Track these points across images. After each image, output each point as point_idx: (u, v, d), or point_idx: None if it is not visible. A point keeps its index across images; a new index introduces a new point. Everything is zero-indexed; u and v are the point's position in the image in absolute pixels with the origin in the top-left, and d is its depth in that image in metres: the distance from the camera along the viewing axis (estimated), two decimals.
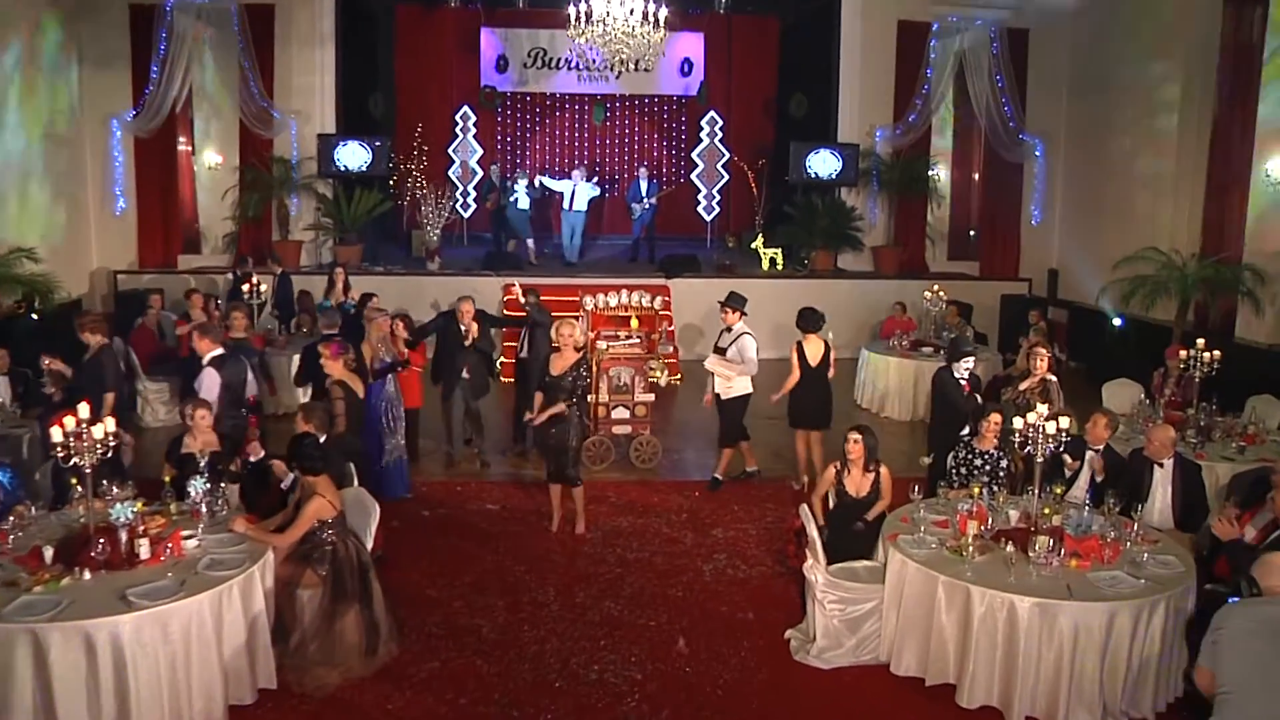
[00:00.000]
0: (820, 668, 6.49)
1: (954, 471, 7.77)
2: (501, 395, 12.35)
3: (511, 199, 16.25)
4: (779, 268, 16.10)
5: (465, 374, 9.90)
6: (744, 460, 9.99)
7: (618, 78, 19.21)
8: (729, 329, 9.65)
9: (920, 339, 12.89)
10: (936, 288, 13.04)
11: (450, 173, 18.05)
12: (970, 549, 6.17)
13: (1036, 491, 6.67)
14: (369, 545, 6.78)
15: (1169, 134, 13.91)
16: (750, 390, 9.72)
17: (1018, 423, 6.58)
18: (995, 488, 7.38)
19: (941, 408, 8.76)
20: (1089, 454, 7.57)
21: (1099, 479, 7.52)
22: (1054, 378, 9.01)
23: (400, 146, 17.33)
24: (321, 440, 7.18)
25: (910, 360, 12.41)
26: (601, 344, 10.25)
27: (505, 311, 13.29)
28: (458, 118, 18.21)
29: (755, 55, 19.03)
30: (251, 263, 14.20)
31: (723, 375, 9.60)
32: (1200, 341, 9.22)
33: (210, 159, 16.21)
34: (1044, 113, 16.12)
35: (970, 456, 7.72)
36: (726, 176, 18.40)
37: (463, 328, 9.81)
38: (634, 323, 10.39)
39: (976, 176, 17.34)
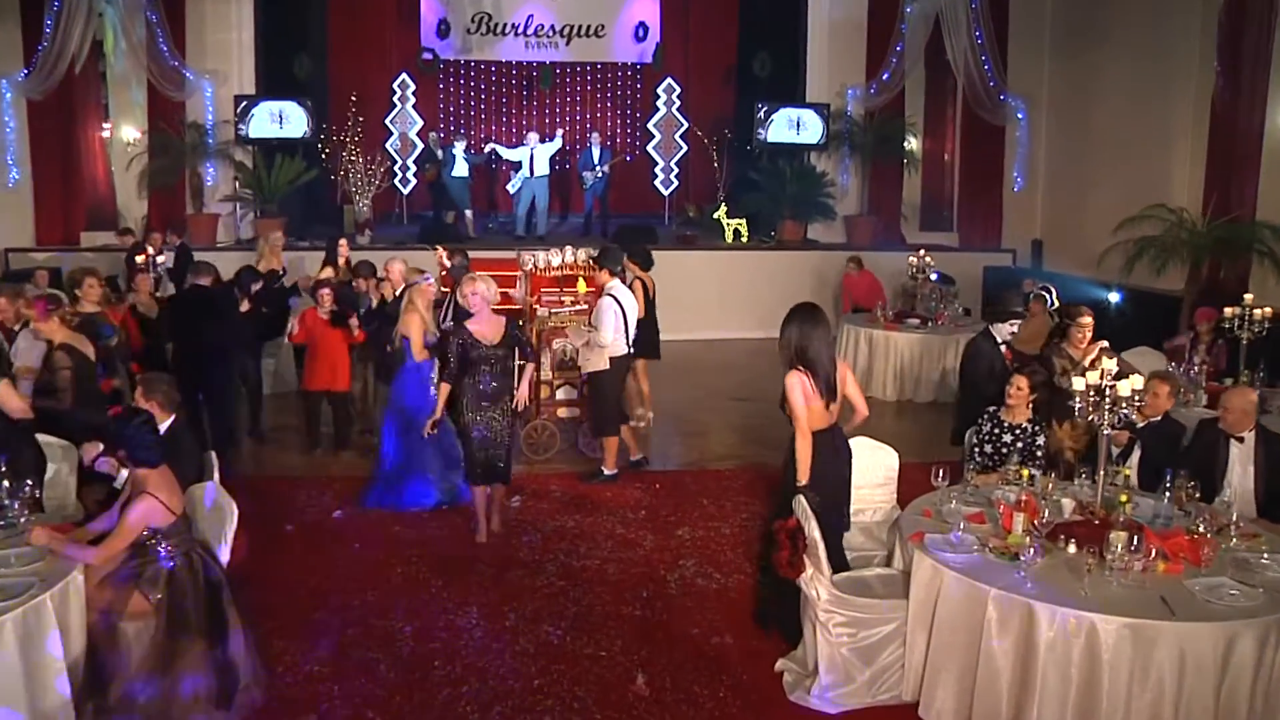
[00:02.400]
0: (825, 711, 4.75)
1: (976, 450, 6.07)
2: None
3: (449, 166, 14.38)
4: (744, 239, 14.36)
5: (389, 347, 8.06)
6: (628, 448, 8.13)
7: (568, 44, 17.43)
8: (602, 292, 7.86)
9: (905, 309, 11.21)
10: (922, 252, 11.37)
11: (388, 145, 16.11)
12: (1030, 551, 4.43)
13: (1102, 473, 4.95)
14: (224, 558, 4.94)
15: (1168, 89, 12.34)
16: (605, 366, 7.71)
17: (1079, 384, 4.87)
18: (1034, 470, 5.68)
19: (977, 382, 6.98)
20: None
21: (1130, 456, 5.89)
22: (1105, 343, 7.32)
23: (333, 116, 15.38)
24: (168, 421, 5.35)
25: (897, 333, 10.72)
26: (542, 311, 8.43)
27: (441, 288, 11.38)
28: (396, 86, 16.27)
29: (715, 14, 17.22)
30: (147, 232, 12.22)
31: (574, 344, 7.90)
32: (1248, 297, 7.63)
33: (126, 130, 14.17)
34: (1025, 73, 14.53)
35: (998, 431, 6.03)
36: (685, 148, 16.63)
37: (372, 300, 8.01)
38: (581, 285, 8.56)
39: (951, 142, 15.67)
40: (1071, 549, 4.60)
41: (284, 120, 13.73)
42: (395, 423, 7.28)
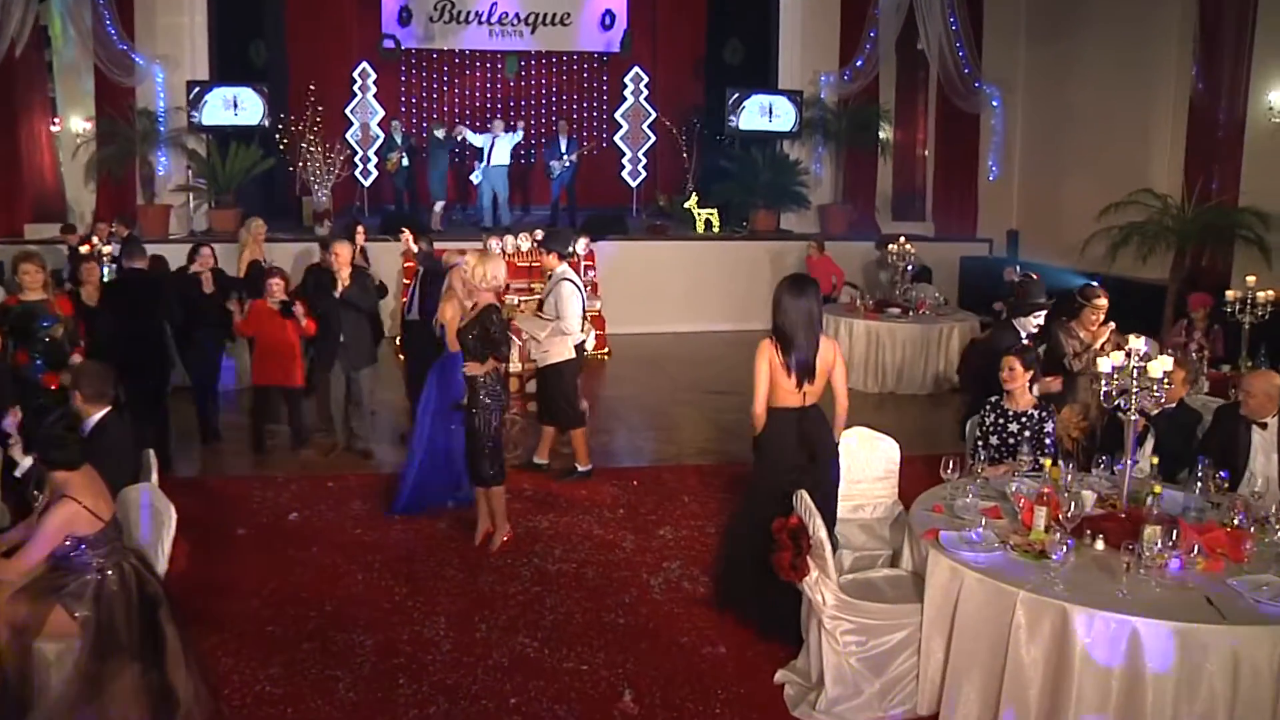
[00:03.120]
0: None
1: (980, 442, 5.61)
2: (394, 365, 10.04)
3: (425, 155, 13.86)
4: (715, 230, 13.86)
5: (341, 337, 7.48)
6: (576, 454, 7.40)
7: (533, 32, 16.86)
8: (549, 276, 7.29)
9: (885, 299, 10.78)
10: (903, 239, 10.93)
11: (349, 136, 15.43)
12: (1063, 549, 3.96)
13: (1129, 462, 4.50)
14: (162, 568, 4.37)
15: (1148, 75, 12.01)
16: (571, 355, 7.19)
17: (1104, 365, 4.41)
18: (1041, 460, 5.23)
19: (994, 378, 6.44)
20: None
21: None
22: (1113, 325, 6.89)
23: (291, 106, 14.69)
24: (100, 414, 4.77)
25: (877, 323, 10.28)
26: (511, 298, 7.87)
27: (404, 280, 10.79)
28: (356, 75, 15.61)
29: (683, 1, 16.70)
30: (94, 222, 11.52)
31: (533, 335, 7.24)
32: (1250, 279, 7.26)
33: (74, 121, 13.41)
34: (1000, 60, 14.15)
35: (1003, 420, 5.56)
36: (653, 138, 16.10)
37: (335, 274, 7.40)
38: (570, 274, 7.99)
39: (923, 131, 15.27)
40: (1100, 545, 4.16)
41: (239, 107, 13.05)
42: (431, 417, 6.55)
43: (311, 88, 14.58)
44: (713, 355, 11.81)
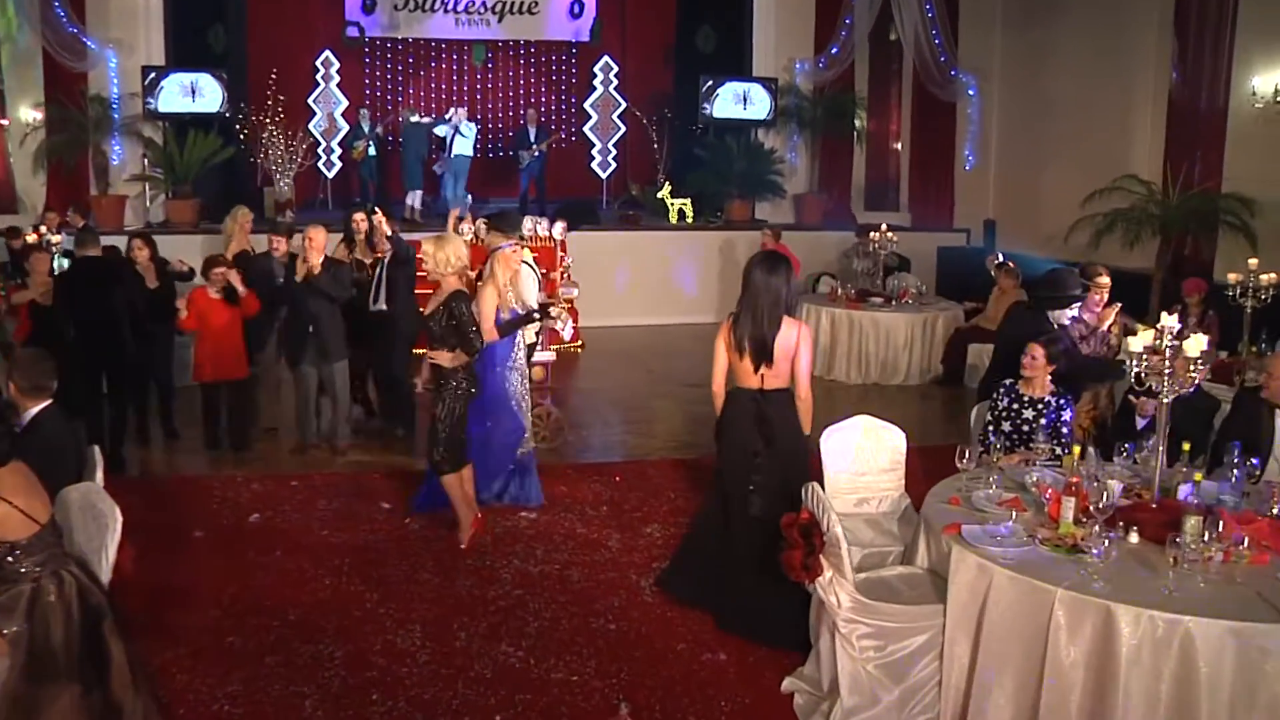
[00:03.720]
0: None
1: (992, 429, 5.26)
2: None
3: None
4: (689, 220, 13.46)
5: (311, 328, 7.01)
6: None
7: (500, 21, 16.33)
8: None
9: (867, 288, 10.43)
10: (884, 227, 10.60)
11: (312, 126, 14.86)
12: (1105, 542, 3.61)
13: (1162, 449, 4.15)
14: (105, 576, 3.90)
15: (1127, 62, 11.74)
16: (533, 335, 6.81)
17: (1136, 344, 4.06)
18: (1060, 448, 4.89)
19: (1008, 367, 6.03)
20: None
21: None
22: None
23: (252, 95, 14.10)
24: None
25: (860, 312, 9.94)
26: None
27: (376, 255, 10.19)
28: (319, 64, 15.05)
29: None
30: (43, 214, 10.91)
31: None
32: (1253, 261, 6.98)
33: (23, 108, 12.72)
34: (976, 48, 13.85)
35: (1018, 407, 5.21)
36: (623, 128, 15.69)
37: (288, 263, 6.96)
38: (527, 256, 7.55)
39: (899, 120, 14.96)
40: (1134, 538, 3.81)
41: (197, 93, 12.43)
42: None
43: (273, 76, 14.01)
44: (688, 348, 11.35)
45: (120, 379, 7.06)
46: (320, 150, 14.69)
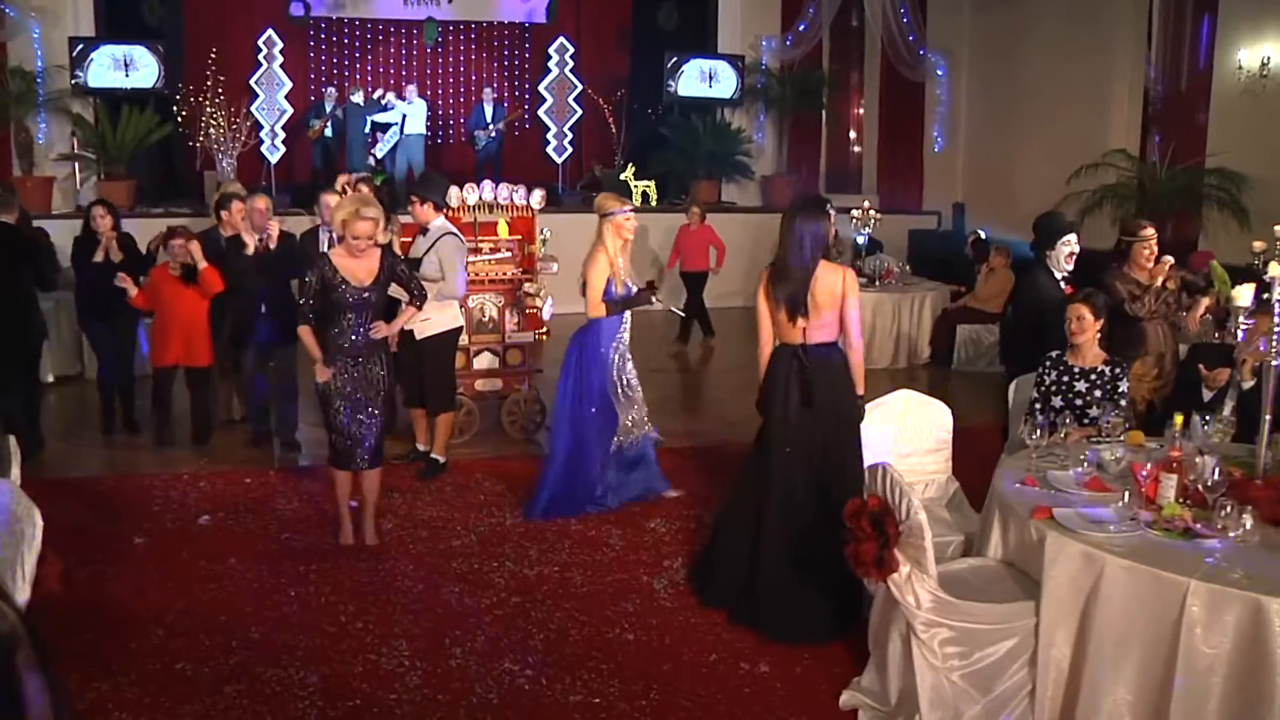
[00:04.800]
0: None
1: (1037, 405, 4.66)
2: None
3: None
4: (653, 203, 12.76)
5: (263, 308, 6.20)
6: (435, 443, 6.03)
7: (450, 1, 15.48)
8: (424, 231, 5.94)
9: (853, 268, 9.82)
10: (867, 204, 10.03)
11: (255, 109, 13.87)
12: (1244, 526, 3.02)
13: (1269, 418, 3.57)
14: (24, 595, 3.11)
15: (1105, 37, 11.31)
16: (460, 324, 6.04)
17: (1242, 295, 3.48)
18: (1112, 423, 4.30)
19: (1045, 330, 5.45)
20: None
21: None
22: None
23: (190, 75, 13.08)
24: None
25: None
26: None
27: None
28: (261, 43, 14.03)
29: None
30: None
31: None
32: (1258, 244, 6.54)
33: None
34: (944, 27, 13.36)
35: (1068, 379, 4.62)
36: (579, 111, 14.91)
37: (247, 240, 6.13)
38: (502, 229, 6.82)
39: (863, 100, 14.40)
40: (1248, 520, 3.22)
41: (131, 67, 11.41)
42: (571, 404, 5.32)
43: (213, 55, 13.03)
44: (658, 334, 10.71)
45: (28, 359, 6.22)
46: (264, 134, 13.72)
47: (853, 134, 14.32)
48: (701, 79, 12.96)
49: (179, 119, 12.22)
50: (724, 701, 3.59)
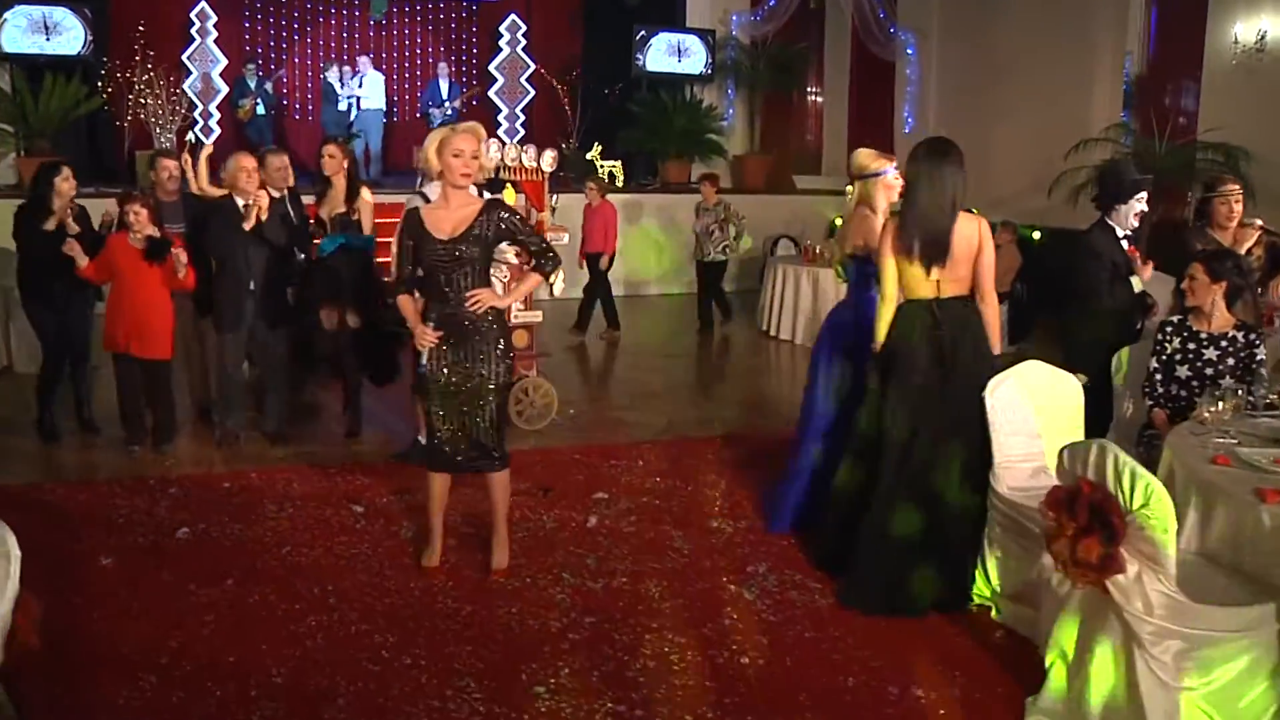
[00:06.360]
0: None
1: (1158, 376, 4.06)
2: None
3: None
4: (619, 184, 11.96)
5: (251, 286, 5.29)
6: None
7: None
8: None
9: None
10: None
11: (187, 86, 12.65)
12: None
13: None
14: None
15: (1089, 11, 10.88)
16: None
17: None
18: (1251, 392, 3.72)
19: (1098, 292, 4.82)
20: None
21: None
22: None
23: (116, 48, 11.84)
24: None
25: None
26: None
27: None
28: (194, 16, 12.82)
29: None
30: None
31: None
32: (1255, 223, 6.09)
33: None
34: (913, 5, 12.84)
35: (1194, 345, 4.01)
36: (532, 92, 14.04)
37: (242, 203, 5.23)
38: (509, 194, 5.97)
39: (829, 78, 13.81)
40: None
41: (53, 31, 10.17)
42: (821, 397, 4.42)
43: (140, 28, 11.84)
44: (638, 320, 9.97)
45: None
46: (197, 114, 12.53)
47: (823, 113, 13.74)
48: (670, 53, 12.21)
49: (104, 94, 11.03)
50: None
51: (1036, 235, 10.48)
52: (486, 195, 4.57)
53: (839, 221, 10.74)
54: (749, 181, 12.42)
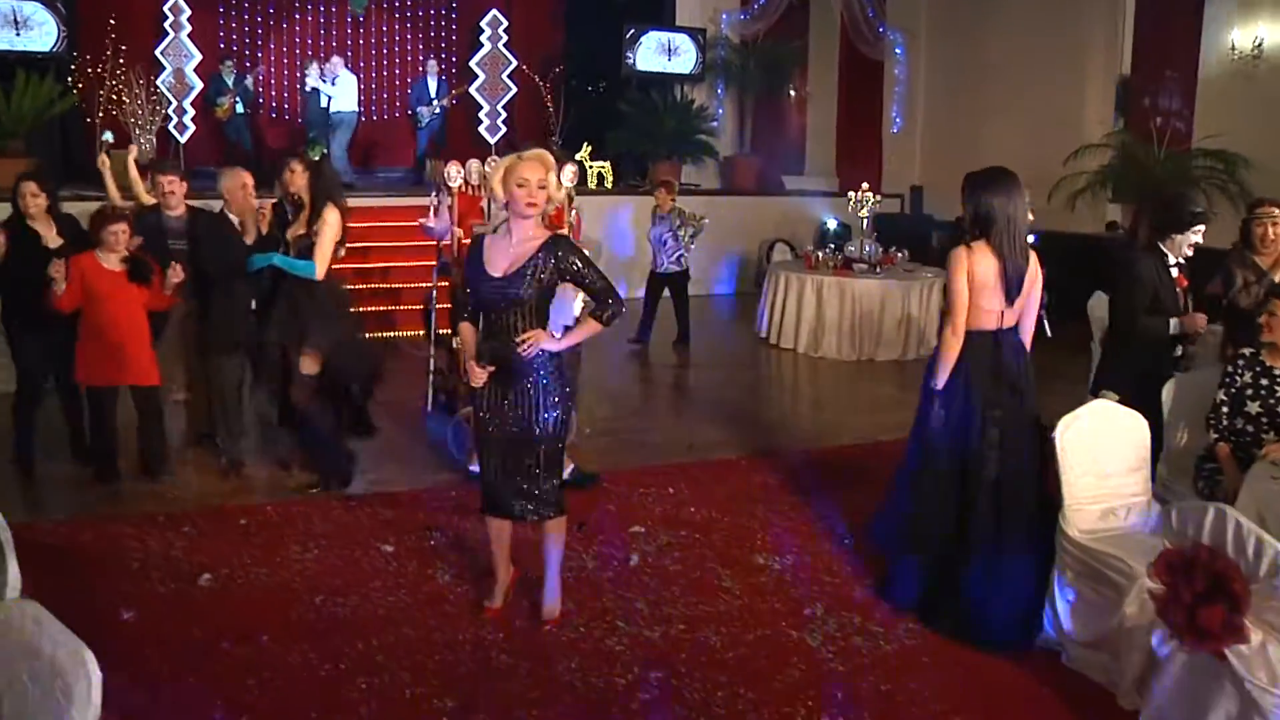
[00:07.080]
0: None
1: (1225, 409, 3.96)
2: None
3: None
4: (608, 185, 11.76)
5: (253, 305, 5.04)
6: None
7: None
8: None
9: (851, 256, 9.07)
10: (865, 186, 9.30)
11: (160, 83, 12.21)
12: None
13: None
14: None
15: (1081, 15, 10.85)
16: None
17: None
18: None
19: (1125, 317, 4.74)
20: None
21: None
22: None
23: (86, 43, 11.38)
24: None
25: (854, 280, 8.61)
26: None
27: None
28: (167, 10, 12.37)
29: None
30: None
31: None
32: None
33: None
34: (902, 4, 12.75)
35: (1266, 380, 3.92)
36: (514, 89, 13.74)
37: (234, 218, 4.95)
38: None
39: (815, 78, 13.69)
40: None
41: (24, 26, 9.75)
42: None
43: (111, 22, 11.38)
44: (627, 327, 9.76)
45: None
46: (172, 111, 12.10)
47: (812, 114, 13.62)
48: (660, 52, 12.00)
49: (75, 91, 10.60)
50: None
51: (1031, 239, 10.42)
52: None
53: (831, 225, 10.68)
54: (739, 183, 12.28)
